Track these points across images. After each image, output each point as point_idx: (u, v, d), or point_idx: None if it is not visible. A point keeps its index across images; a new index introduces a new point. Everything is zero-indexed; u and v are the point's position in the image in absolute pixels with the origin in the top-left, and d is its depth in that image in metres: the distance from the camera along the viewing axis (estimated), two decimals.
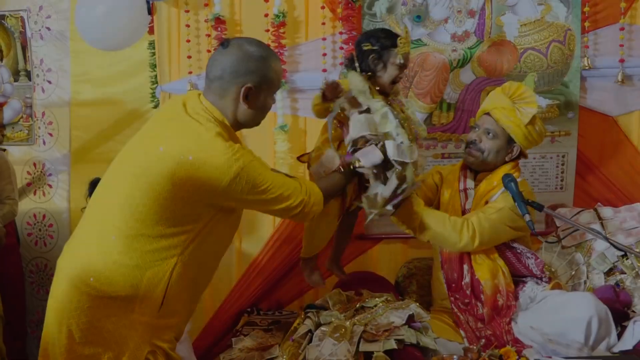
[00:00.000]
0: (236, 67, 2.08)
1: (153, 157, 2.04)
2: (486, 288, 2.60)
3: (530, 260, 2.67)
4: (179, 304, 2.10)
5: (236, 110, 2.12)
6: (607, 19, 3.08)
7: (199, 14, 3.12)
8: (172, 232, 2.03)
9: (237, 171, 2.01)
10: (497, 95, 2.72)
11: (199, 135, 2.04)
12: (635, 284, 2.83)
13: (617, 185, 3.19)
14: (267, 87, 2.14)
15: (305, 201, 2.18)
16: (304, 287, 3.20)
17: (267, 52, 2.17)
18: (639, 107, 3.16)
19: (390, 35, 2.55)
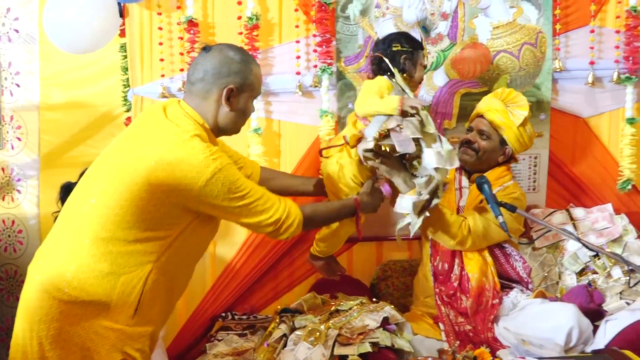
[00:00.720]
0: (219, 69, 2.11)
1: (130, 159, 2.04)
2: (473, 280, 2.63)
3: (518, 263, 2.71)
4: (153, 311, 2.07)
5: (217, 113, 2.14)
6: (577, 22, 3.12)
7: (172, 17, 3.09)
8: (147, 237, 2.01)
9: (214, 171, 2.00)
10: (490, 99, 2.81)
11: (177, 135, 2.04)
12: (607, 284, 2.86)
13: (589, 186, 3.22)
14: (248, 90, 2.17)
15: (281, 220, 2.16)
16: (279, 291, 3.20)
17: (249, 57, 2.21)
18: (608, 108, 3.19)
19: (414, 38, 2.66)
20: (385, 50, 2.59)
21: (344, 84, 3.10)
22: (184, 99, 2.17)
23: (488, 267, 2.66)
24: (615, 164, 3.19)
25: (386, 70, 2.57)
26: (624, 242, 2.98)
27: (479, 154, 2.76)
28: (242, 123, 2.24)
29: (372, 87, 2.53)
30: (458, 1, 3.08)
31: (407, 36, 2.66)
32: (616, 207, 3.13)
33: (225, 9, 3.08)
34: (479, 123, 2.79)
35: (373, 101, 2.46)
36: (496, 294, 2.63)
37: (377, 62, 2.62)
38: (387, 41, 2.62)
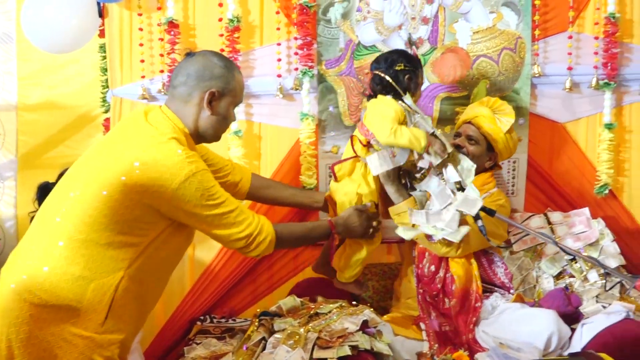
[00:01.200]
0: (201, 72, 2.14)
1: (107, 160, 2.04)
2: (458, 282, 2.66)
3: (500, 269, 2.76)
4: (123, 320, 2.06)
5: (198, 117, 2.15)
6: (556, 27, 3.14)
7: (152, 18, 3.07)
8: (120, 241, 2.00)
9: (188, 174, 2.00)
10: (477, 106, 2.90)
11: (154, 137, 2.05)
12: (584, 287, 2.88)
13: (566, 191, 3.25)
14: (230, 96, 2.19)
15: (253, 236, 2.16)
16: (258, 294, 3.19)
17: (232, 64, 2.24)
18: (586, 114, 3.22)
19: (413, 57, 2.72)
20: (388, 70, 2.63)
21: (324, 87, 3.10)
22: (166, 103, 2.19)
23: (472, 270, 2.68)
24: (592, 168, 3.23)
25: (389, 89, 2.61)
26: (600, 246, 3.01)
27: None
28: (223, 130, 2.25)
29: (387, 113, 2.57)
30: (439, 6, 3.09)
31: (406, 55, 2.70)
32: (593, 211, 3.15)
33: (206, 10, 3.07)
34: (467, 129, 2.85)
35: (404, 131, 2.52)
36: (479, 297, 2.65)
37: (379, 81, 2.65)
38: (390, 61, 2.66)
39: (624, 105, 3.23)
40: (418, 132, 2.52)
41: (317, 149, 3.12)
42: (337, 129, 3.12)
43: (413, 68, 2.65)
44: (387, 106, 2.59)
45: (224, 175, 2.56)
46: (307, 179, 3.09)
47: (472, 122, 2.86)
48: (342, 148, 3.12)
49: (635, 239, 3.20)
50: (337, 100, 3.11)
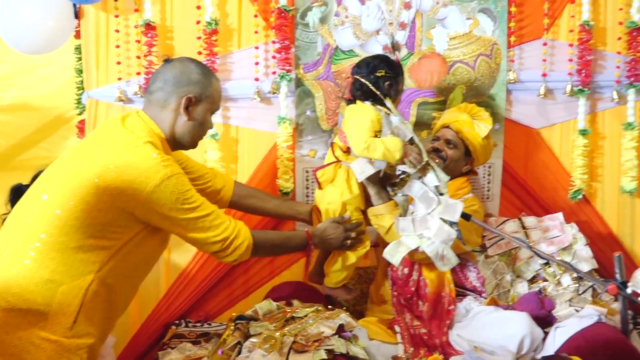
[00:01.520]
0: (179, 77, 2.15)
1: (80, 163, 2.03)
2: (430, 286, 2.67)
3: (472, 273, 2.78)
4: (93, 324, 2.04)
5: (175, 122, 2.15)
6: (531, 34, 3.18)
7: (129, 19, 3.04)
8: (91, 244, 1.98)
9: (163, 177, 1.99)
10: (456, 111, 2.93)
11: (129, 141, 2.04)
12: (557, 291, 2.92)
13: (540, 195, 3.29)
14: (207, 102, 2.19)
15: (229, 239, 2.16)
16: (234, 298, 3.18)
17: (210, 71, 2.26)
18: (560, 120, 3.26)
19: (395, 63, 2.71)
20: (369, 75, 2.63)
21: (302, 90, 3.10)
22: (143, 108, 2.19)
23: (445, 274, 2.69)
24: (565, 174, 3.27)
25: (369, 95, 2.61)
26: (573, 250, 3.05)
27: (446, 162, 2.83)
28: (200, 136, 2.25)
29: (362, 123, 2.56)
30: (416, 11, 3.11)
31: (388, 61, 2.70)
32: (566, 216, 3.20)
33: (183, 13, 3.05)
34: (446, 133, 2.88)
35: (377, 144, 2.51)
36: (452, 301, 2.67)
37: (360, 86, 2.64)
38: (371, 66, 2.65)
39: (598, 112, 3.28)
40: (392, 143, 2.50)
41: (294, 153, 3.12)
42: (315, 133, 3.13)
43: (394, 75, 2.65)
44: (363, 115, 2.58)
45: (204, 182, 2.55)
46: (283, 183, 3.09)
47: (451, 126, 2.88)
48: (320, 152, 3.13)
49: (608, 244, 3.24)
50: (314, 105, 3.11)
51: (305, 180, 3.17)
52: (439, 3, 3.12)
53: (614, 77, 3.21)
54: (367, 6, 3.07)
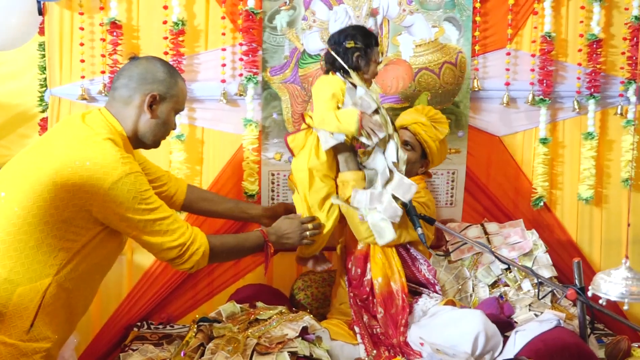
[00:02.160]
0: (144, 75, 2.13)
1: (39, 160, 2.00)
2: (377, 287, 2.67)
3: (423, 266, 2.78)
4: (51, 328, 2.00)
5: (138, 120, 2.13)
6: (495, 44, 3.24)
7: (94, 18, 3.01)
8: (50, 244, 1.94)
9: (122, 175, 1.96)
10: (415, 113, 2.94)
11: (89, 137, 2.02)
12: (517, 296, 2.96)
13: (502, 202, 3.35)
14: (172, 102, 2.18)
15: (186, 245, 2.12)
16: (198, 300, 3.15)
17: (176, 71, 2.24)
18: (522, 128, 3.32)
19: (370, 33, 2.65)
20: (338, 47, 2.61)
21: (269, 93, 3.10)
22: (106, 105, 2.16)
23: (395, 271, 2.69)
24: (527, 181, 3.33)
25: (337, 67, 2.60)
26: (534, 256, 3.10)
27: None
28: (162, 135, 2.23)
29: (323, 95, 2.56)
30: (383, 18, 3.14)
31: (363, 32, 2.65)
32: (527, 222, 3.25)
33: (150, 12, 3.03)
34: (403, 134, 2.89)
35: (331, 118, 2.51)
36: (405, 298, 2.67)
37: (329, 59, 2.63)
38: (342, 36, 2.62)
39: (558, 121, 3.35)
40: (347, 116, 2.49)
41: (260, 156, 3.12)
42: (281, 136, 3.13)
43: (364, 46, 2.60)
44: (326, 87, 2.57)
45: (160, 185, 2.52)
46: (249, 185, 3.09)
47: (410, 128, 2.90)
48: (285, 155, 3.13)
49: (567, 250, 3.31)
50: (281, 108, 3.12)
51: (270, 183, 3.16)
52: (405, 10, 3.15)
53: (574, 87, 3.28)
54: (335, 11, 3.09)
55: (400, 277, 2.68)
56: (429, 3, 3.16)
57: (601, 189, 3.38)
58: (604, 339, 2.93)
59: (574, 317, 2.73)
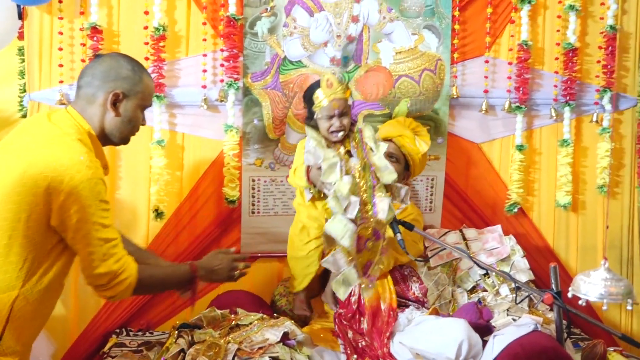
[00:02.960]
0: (107, 72, 2.09)
1: (7, 162, 1.95)
2: (367, 302, 2.70)
3: (415, 284, 2.82)
4: (19, 342, 1.96)
5: (103, 118, 2.09)
6: (473, 52, 3.28)
7: (74, 22, 2.99)
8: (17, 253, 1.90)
9: (84, 179, 1.91)
10: (398, 126, 2.99)
11: (57, 137, 1.98)
12: (496, 301, 3.00)
13: (481, 208, 3.39)
14: (137, 99, 2.14)
15: (116, 274, 1.99)
16: (177, 306, 3.14)
17: (141, 67, 2.19)
18: (500, 135, 3.37)
19: (311, 96, 2.70)
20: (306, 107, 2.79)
21: (250, 99, 3.11)
22: (72, 104, 2.12)
23: (386, 289, 2.73)
24: (504, 187, 3.37)
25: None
26: (511, 262, 3.15)
27: None
28: (130, 132, 2.19)
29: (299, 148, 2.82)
30: (363, 25, 3.17)
31: (308, 94, 2.74)
32: (505, 228, 3.30)
33: (131, 17, 3.02)
34: (389, 147, 2.89)
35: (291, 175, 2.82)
36: (392, 314, 2.70)
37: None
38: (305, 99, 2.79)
39: (535, 129, 3.40)
40: (299, 172, 2.74)
41: (241, 161, 3.12)
42: (261, 142, 3.14)
43: (308, 109, 2.75)
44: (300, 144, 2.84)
45: None
46: (230, 191, 3.09)
47: (394, 140, 2.93)
48: (266, 161, 3.14)
49: (544, 256, 3.36)
50: (262, 114, 3.13)
51: (251, 189, 3.17)
52: (385, 18, 3.19)
53: (551, 95, 3.34)
54: (316, 18, 3.11)
55: (391, 294, 2.73)
56: (409, 11, 3.19)
57: (577, 195, 3.43)
58: (581, 343, 2.98)
59: (551, 321, 2.77)
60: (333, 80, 2.65)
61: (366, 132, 2.72)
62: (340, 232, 2.47)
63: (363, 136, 2.71)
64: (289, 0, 3.09)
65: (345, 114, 2.66)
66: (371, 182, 2.60)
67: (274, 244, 3.12)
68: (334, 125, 2.65)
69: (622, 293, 2.15)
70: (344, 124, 2.66)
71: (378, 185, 2.59)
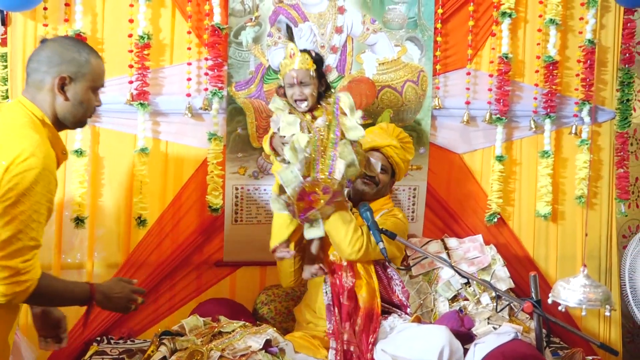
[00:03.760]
0: (51, 57, 2.06)
1: None
2: (361, 301, 2.71)
3: (398, 287, 2.84)
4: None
5: (54, 103, 2.06)
6: (455, 64, 3.33)
7: (58, 29, 2.99)
8: None
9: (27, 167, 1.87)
10: (384, 135, 3.00)
11: (12, 120, 1.97)
12: (477, 310, 3.02)
13: (462, 218, 3.42)
14: (85, 80, 2.09)
15: (19, 273, 1.88)
16: (159, 314, 3.13)
17: (86, 47, 2.15)
18: (481, 146, 3.41)
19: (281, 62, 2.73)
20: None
21: (234, 108, 3.12)
22: (23, 92, 2.09)
23: (375, 291, 2.75)
24: (485, 197, 3.41)
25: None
26: (492, 271, 3.18)
27: (378, 186, 2.91)
28: (83, 115, 2.13)
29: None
30: (347, 36, 3.20)
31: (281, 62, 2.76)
32: (486, 238, 3.33)
33: (115, 25, 3.02)
34: (376, 157, 2.94)
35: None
36: (377, 318, 2.72)
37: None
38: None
39: (514, 140, 3.45)
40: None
41: (225, 170, 3.13)
42: (245, 151, 3.15)
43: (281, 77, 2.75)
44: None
45: None
46: (213, 199, 3.09)
47: (382, 151, 2.96)
48: (250, 169, 3.15)
49: (524, 265, 3.40)
50: (245, 122, 3.14)
51: (234, 197, 3.17)
52: (369, 29, 3.22)
53: (531, 107, 3.39)
54: (300, 28, 3.14)
55: (377, 296, 2.74)
56: (392, 23, 3.23)
57: (557, 205, 3.48)
58: (560, 352, 3.01)
59: (531, 330, 2.81)
60: (295, 50, 2.65)
61: (344, 98, 2.69)
62: (287, 181, 2.53)
63: (339, 101, 2.68)
64: (274, 11, 3.12)
65: (306, 84, 2.64)
66: (335, 136, 2.61)
67: (256, 252, 3.12)
68: (295, 94, 2.65)
69: (601, 299, 2.19)
70: (305, 93, 2.64)
71: (342, 141, 2.61)
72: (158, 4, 3.05)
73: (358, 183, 2.88)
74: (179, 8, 3.05)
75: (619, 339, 3.52)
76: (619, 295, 3.47)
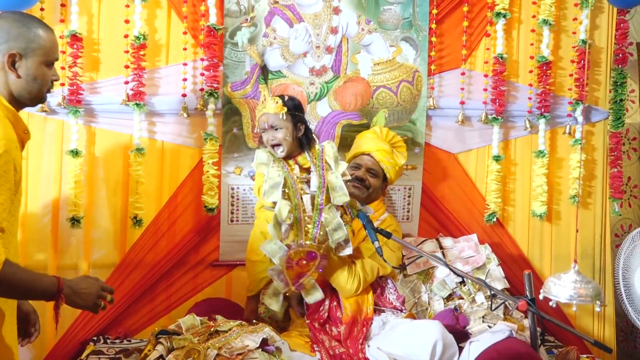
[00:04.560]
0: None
1: None
2: (348, 309, 2.73)
3: (392, 295, 2.87)
4: None
5: (7, 82, 2.02)
6: (450, 64, 3.35)
7: (54, 30, 2.98)
8: None
9: None
10: (375, 139, 3.02)
11: None
12: (472, 309, 3.04)
13: (457, 217, 3.44)
14: (36, 55, 2.03)
15: None
16: (156, 314, 3.13)
17: (34, 21, 2.09)
18: (476, 146, 3.43)
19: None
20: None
21: (229, 108, 3.13)
22: None
23: (365, 300, 2.77)
24: (480, 197, 3.43)
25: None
26: (487, 270, 3.19)
27: (369, 190, 2.95)
28: (39, 91, 2.08)
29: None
30: (342, 37, 3.22)
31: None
32: (480, 237, 3.35)
33: (111, 26, 3.02)
34: (367, 161, 2.98)
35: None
36: (366, 323, 2.74)
37: None
38: None
39: (510, 140, 3.47)
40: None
41: (220, 170, 3.14)
42: (241, 151, 3.16)
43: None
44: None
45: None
46: (209, 199, 3.10)
47: (373, 155, 2.98)
48: (245, 169, 3.16)
49: (518, 264, 3.41)
50: (241, 122, 3.15)
51: (230, 197, 3.18)
52: (364, 30, 3.24)
53: (526, 107, 3.41)
54: (296, 29, 3.15)
55: (368, 306, 2.77)
56: (387, 23, 3.25)
57: (552, 205, 3.49)
58: (554, 350, 3.03)
59: (525, 328, 2.82)
60: (268, 98, 2.75)
61: (327, 149, 2.72)
62: (272, 252, 2.58)
63: (324, 154, 2.71)
64: (269, 11, 3.13)
65: (278, 128, 2.68)
66: (319, 201, 2.62)
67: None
68: (269, 139, 2.70)
69: (591, 295, 2.22)
70: (278, 137, 2.68)
71: (327, 206, 2.62)
72: (154, 5, 3.05)
73: (349, 187, 2.89)
74: (175, 9, 3.06)
75: (613, 337, 3.54)
76: (612, 293, 3.50)
